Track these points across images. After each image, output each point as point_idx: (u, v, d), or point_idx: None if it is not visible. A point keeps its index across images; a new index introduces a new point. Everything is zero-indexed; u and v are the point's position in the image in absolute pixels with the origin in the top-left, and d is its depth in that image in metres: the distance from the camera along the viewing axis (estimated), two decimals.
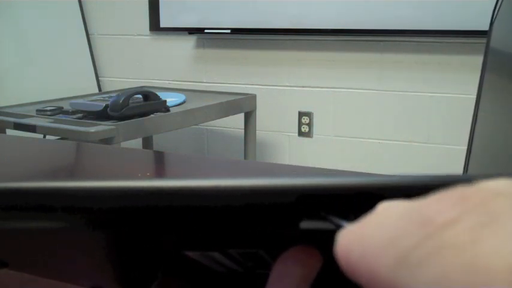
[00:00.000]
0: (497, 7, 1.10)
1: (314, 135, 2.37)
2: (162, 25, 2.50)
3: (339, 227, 0.15)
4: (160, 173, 0.80)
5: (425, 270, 0.12)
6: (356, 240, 0.14)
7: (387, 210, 0.14)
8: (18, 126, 1.64)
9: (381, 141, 2.26)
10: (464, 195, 0.13)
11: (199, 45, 2.51)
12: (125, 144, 1.59)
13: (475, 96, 1.23)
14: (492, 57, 1.14)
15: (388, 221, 0.13)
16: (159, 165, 0.86)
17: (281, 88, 2.39)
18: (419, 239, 0.12)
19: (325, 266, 0.17)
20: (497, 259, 0.11)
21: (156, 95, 1.76)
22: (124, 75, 2.66)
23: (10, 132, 1.65)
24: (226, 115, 2.03)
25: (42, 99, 1.93)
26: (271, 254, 0.18)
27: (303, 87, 2.35)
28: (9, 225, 0.17)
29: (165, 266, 0.21)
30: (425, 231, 0.12)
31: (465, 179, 0.14)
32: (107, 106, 1.62)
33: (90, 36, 2.64)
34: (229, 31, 2.36)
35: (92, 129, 1.52)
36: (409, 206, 0.13)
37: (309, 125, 2.36)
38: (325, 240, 0.16)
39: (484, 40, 1.23)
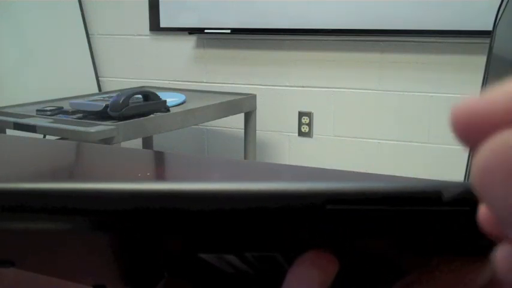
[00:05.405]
0: (502, 9, 1.09)
1: (314, 135, 2.37)
2: (162, 25, 2.50)
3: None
4: (160, 173, 0.80)
5: None
6: None
7: None
8: (18, 126, 1.64)
9: (380, 141, 2.26)
10: None
11: (199, 45, 2.51)
12: (125, 144, 1.59)
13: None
14: (495, 58, 1.14)
15: None
16: (159, 165, 0.86)
17: (281, 88, 2.39)
18: None
19: (342, 271, 0.17)
20: None
21: (156, 95, 1.76)
22: (124, 75, 2.66)
23: (10, 132, 1.65)
24: (226, 115, 2.03)
25: (42, 99, 1.93)
26: (286, 258, 0.18)
27: (303, 87, 2.35)
28: (14, 226, 0.17)
29: (171, 266, 0.21)
30: None
31: None
32: (107, 106, 1.62)
33: (90, 36, 2.64)
34: (229, 31, 2.36)
35: (92, 129, 1.52)
36: None
37: (309, 125, 2.36)
38: (343, 245, 0.16)
39: (484, 40, 1.23)
